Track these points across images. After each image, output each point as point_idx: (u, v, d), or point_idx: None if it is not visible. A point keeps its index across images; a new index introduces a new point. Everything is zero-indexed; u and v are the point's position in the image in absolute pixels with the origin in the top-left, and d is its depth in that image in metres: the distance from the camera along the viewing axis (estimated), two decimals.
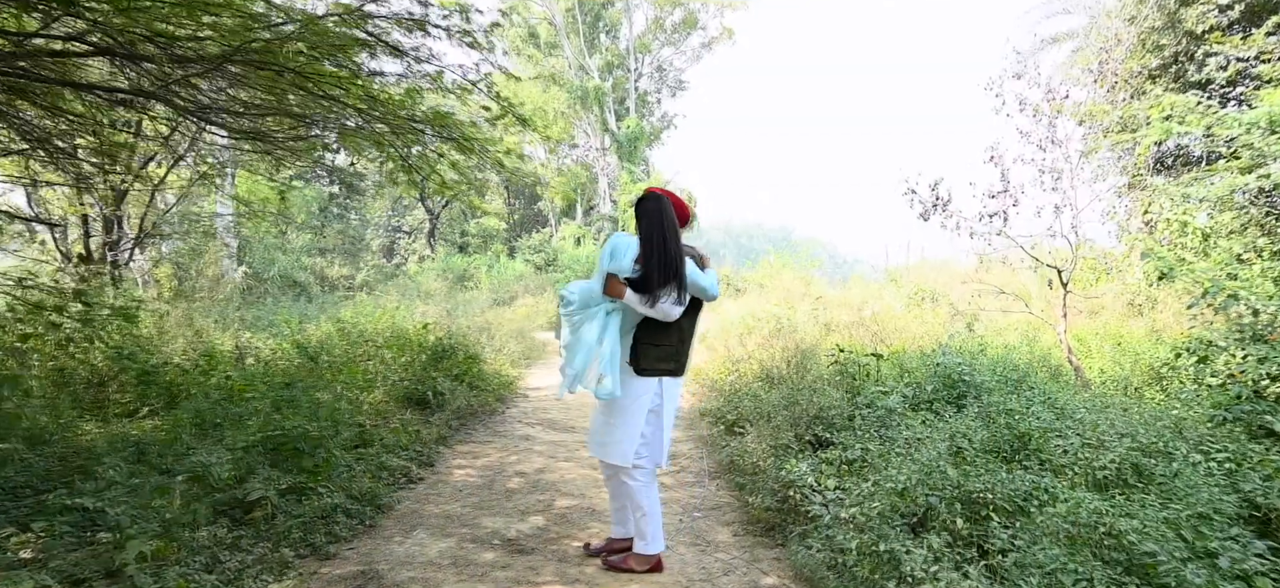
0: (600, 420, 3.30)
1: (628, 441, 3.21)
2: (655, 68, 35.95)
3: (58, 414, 4.58)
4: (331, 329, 7.89)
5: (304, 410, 4.61)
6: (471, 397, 6.43)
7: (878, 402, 5.18)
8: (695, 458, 5.32)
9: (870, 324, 8.62)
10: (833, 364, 6.09)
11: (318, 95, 4.78)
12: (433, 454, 4.92)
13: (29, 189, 10.31)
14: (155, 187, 11.77)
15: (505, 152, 6.27)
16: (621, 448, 3.20)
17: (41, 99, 5.44)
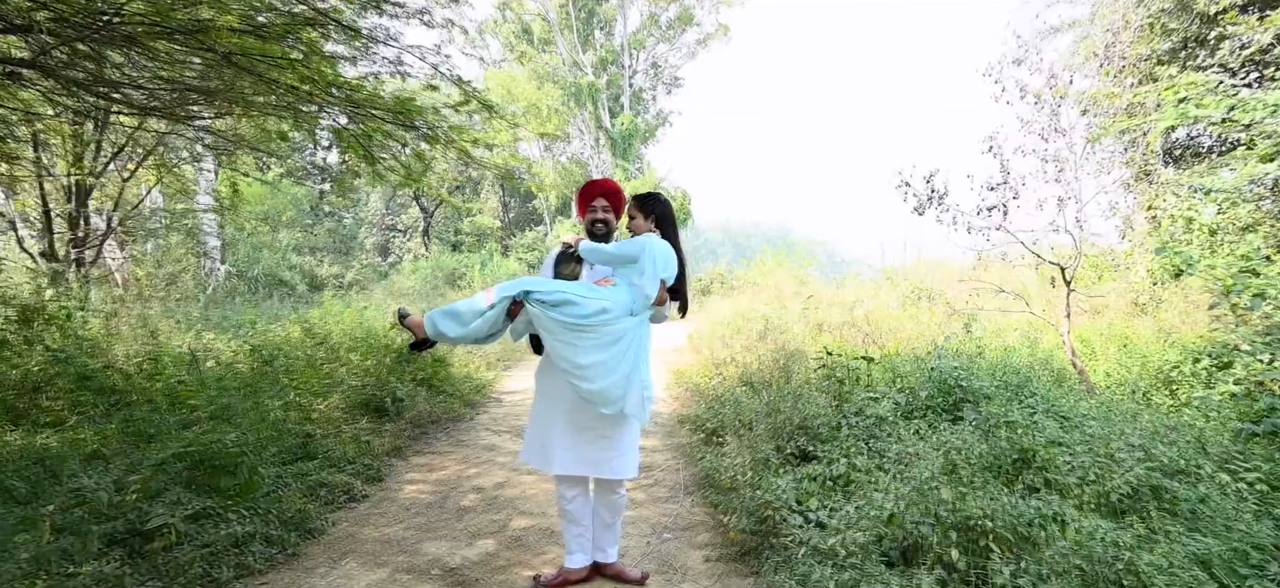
0: (593, 435, 2.95)
1: (634, 451, 3.10)
2: (650, 64, 35.49)
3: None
4: (297, 331, 7.48)
5: (243, 420, 4.22)
6: (436, 403, 6.02)
7: (867, 410, 4.79)
8: (671, 470, 4.93)
9: (862, 324, 8.23)
10: (820, 368, 5.70)
11: (252, 74, 4.36)
12: (383, 468, 4.52)
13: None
14: (125, 181, 11.39)
15: (473, 141, 5.87)
16: (628, 460, 3.04)
17: None
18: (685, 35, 34.69)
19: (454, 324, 2.71)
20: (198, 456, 3.25)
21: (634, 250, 2.88)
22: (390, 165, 6.47)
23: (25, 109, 7.35)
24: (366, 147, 6.15)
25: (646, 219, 3.05)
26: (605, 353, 2.75)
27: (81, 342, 5.96)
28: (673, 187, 27.73)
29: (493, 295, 2.73)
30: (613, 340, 2.77)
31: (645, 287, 2.83)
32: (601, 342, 2.74)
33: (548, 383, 2.99)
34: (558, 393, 2.92)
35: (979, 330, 8.17)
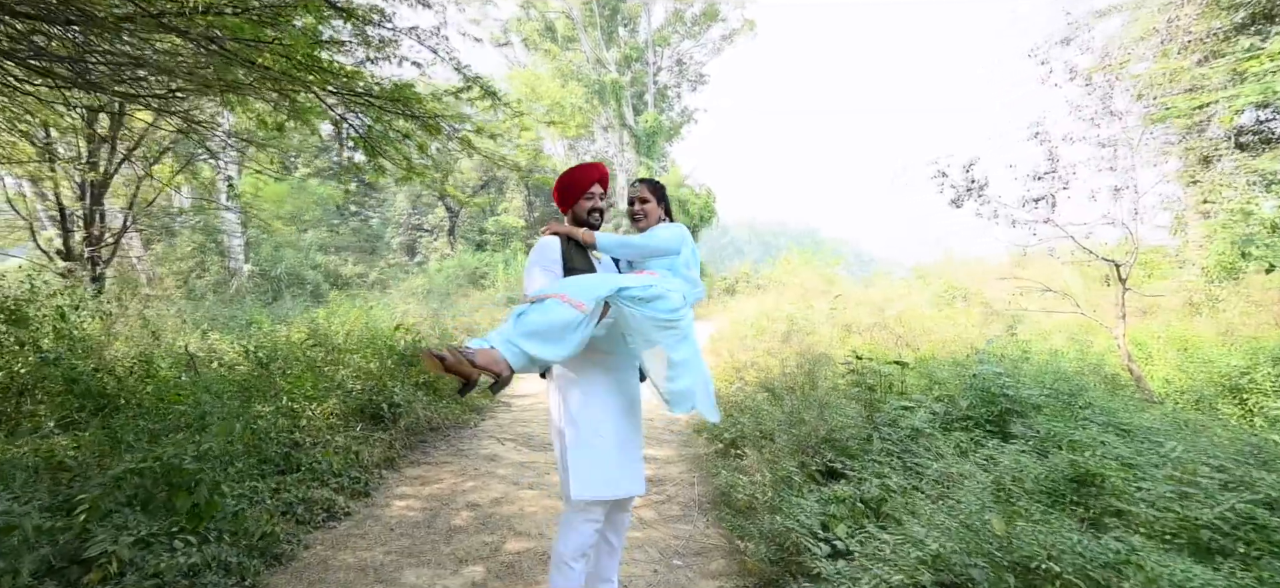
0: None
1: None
2: (675, 61, 35.09)
3: None
4: (301, 331, 7.21)
5: (222, 428, 3.92)
6: (438, 408, 5.68)
7: (901, 421, 4.34)
8: (684, 485, 4.53)
9: (893, 326, 7.73)
10: (849, 373, 5.25)
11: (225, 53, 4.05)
12: (371, 481, 4.18)
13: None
14: (140, 179, 11.30)
15: (477, 130, 5.53)
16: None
17: None
18: (710, 31, 34.22)
19: (550, 346, 2.18)
20: (156, 471, 2.93)
21: (673, 241, 2.59)
22: (392, 158, 6.16)
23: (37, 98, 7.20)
24: (368, 138, 5.85)
25: (659, 205, 2.73)
26: (689, 348, 2.44)
27: (76, 342, 5.74)
28: (697, 184, 27.27)
29: (583, 301, 2.24)
30: (689, 334, 2.47)
31: (695, 278, 2.64)
32: (685, 336, 2.43)
33: (600, 399, 2.49)
34: (613, 407, 2.51)
35: (1022, 332, 7.63)
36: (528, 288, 2.40)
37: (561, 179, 2.63)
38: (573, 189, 2.65)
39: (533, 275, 2.51)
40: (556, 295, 2.24)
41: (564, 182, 2.64)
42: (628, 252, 2.60)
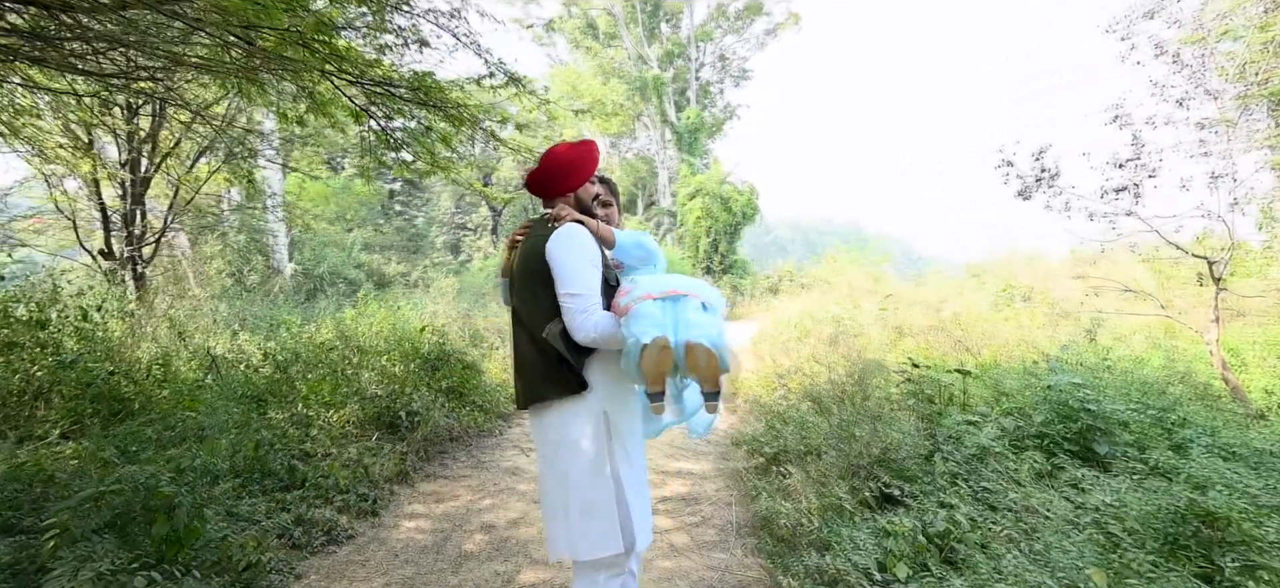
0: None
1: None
2: (717, 56, 34.55)
3: None
4: (327, 332, 7.02)
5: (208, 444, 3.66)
6: (461, 416, 5.38)
7: (966, 438, 3.85)
8: (721, 505, 4.11)
9: (951, 328, 7.16)
10: (904, 382, 4.77)
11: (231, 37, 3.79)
12: (381, 498, 3.87)
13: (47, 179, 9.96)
14: (180, 178, 11.35)
15: (501, 120, 5.21)
16: None
17: None
18: (754, 25, 33.57)
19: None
20: (127, 492, 2.67)
21: (653, 247, 2.24)
22: (416, 152, 5.89)
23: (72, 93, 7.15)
24: (388, 130, 5.58)
25: (617, 210, 2.39)
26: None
27: (97, 344, 5.60)
28: (740, 181, 26.69)
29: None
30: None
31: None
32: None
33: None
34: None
35: (1099, 336, 6.98)
36: (581, 286, 1.93)
37: (568, 156, 2.17)
38: (582, 170, 2.19)
39: (588, 274, 1.96)
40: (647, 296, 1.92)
41: (571, 159, 2.17)
42: (639, 253, 2.21)
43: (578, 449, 1.96)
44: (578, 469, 1.96)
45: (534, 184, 2.20)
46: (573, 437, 1.97)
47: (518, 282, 2.05)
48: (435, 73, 5.02)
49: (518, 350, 2.07)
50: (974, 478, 3.49)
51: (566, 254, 1.95)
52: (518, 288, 2.05)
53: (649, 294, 1.92)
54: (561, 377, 1.96)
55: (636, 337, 1.79)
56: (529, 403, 2.03)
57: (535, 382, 2.00)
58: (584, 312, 1.89)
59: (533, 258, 2.00)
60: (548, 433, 2.00)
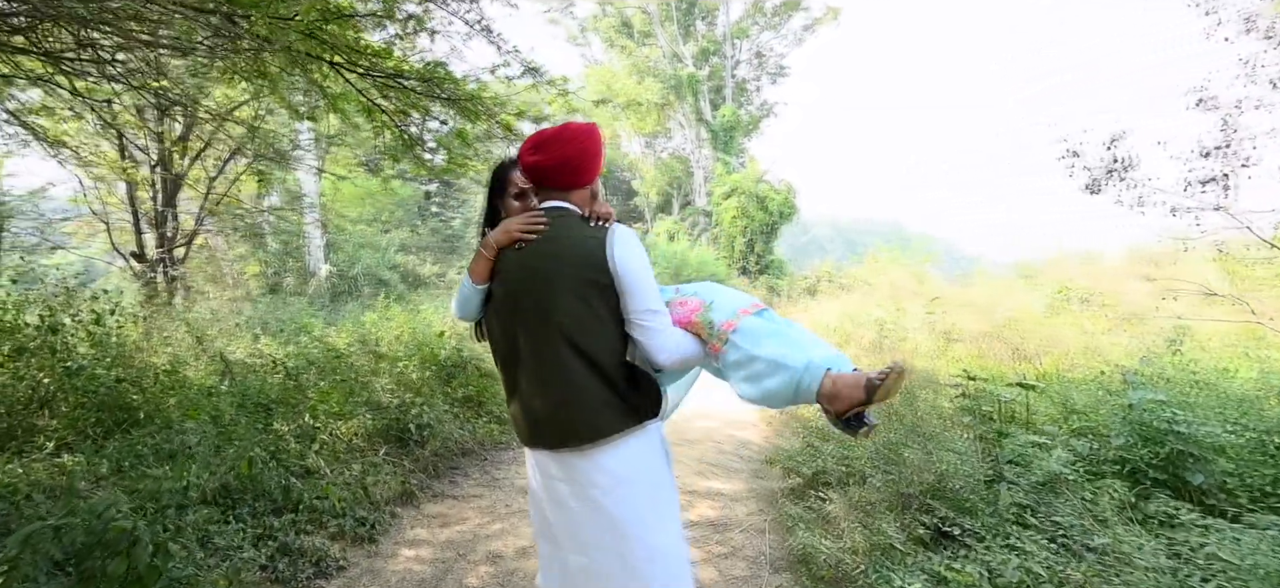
0: None
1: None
2: (754, 53, 34.00)
3: None
4: (348, 336, 6.80)
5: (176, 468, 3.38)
6: (477, 428, 5.07)
7: (1034, 463, 3.39)
8: (753, 532, 3.72)
9: (1006, 334, 6.61)
10: (960, 397, 4.30)
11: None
12: (380, 522, 3.56)
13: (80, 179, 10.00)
14: (212, 180, 11.35)
15: (518, 113, 4.89)
16: None
17: None
18: (791, 21, 32.93)
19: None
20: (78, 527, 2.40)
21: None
22: (431, 147, 5.61)
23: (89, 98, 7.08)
24: (402, 127, 5.31)
25: None
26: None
27: (109, 349, 5.44)
28: (776, 180, 26.11)
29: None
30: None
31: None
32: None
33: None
34: None
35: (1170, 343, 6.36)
36: (658, 300, 1.71)
37: (592, 141, 1.78)
38: (599, 158, 1.82)
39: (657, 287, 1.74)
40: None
41: (595, 147, 1.78)
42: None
43: (641, 486, 1.69)
44: (641, 510, 1.67)
45: (551, 170, 1.75)
46: (635, 473, 1.68)
47: (556, 294, 1.67)
48: (448, 64, 4.73)
49: (556, 378, 1.67)
50: (1045, 511, 3.04)
51: (640, 263, 1.69)
52: (557, 302, 1.67)
53: (743, 309, 1.74)
54: (634, 403, 1.69)
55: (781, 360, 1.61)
56: (583, 441, 1.67)
57: (591, 414, 1.66)
58: (666, 330, 1.68)
59: (587, 265, 1.66)
60: (598, 475, 1.67)
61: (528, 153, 1.76)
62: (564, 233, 1.71)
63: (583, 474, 1.69)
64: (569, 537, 1.72)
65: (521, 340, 1.70)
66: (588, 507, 1.68)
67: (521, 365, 1.72)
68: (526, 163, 1.76)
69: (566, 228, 1.72)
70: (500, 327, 1.76)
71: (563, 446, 1.69)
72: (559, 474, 1.72)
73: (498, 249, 1.76)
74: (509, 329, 1.73)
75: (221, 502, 3.30)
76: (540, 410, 1.70)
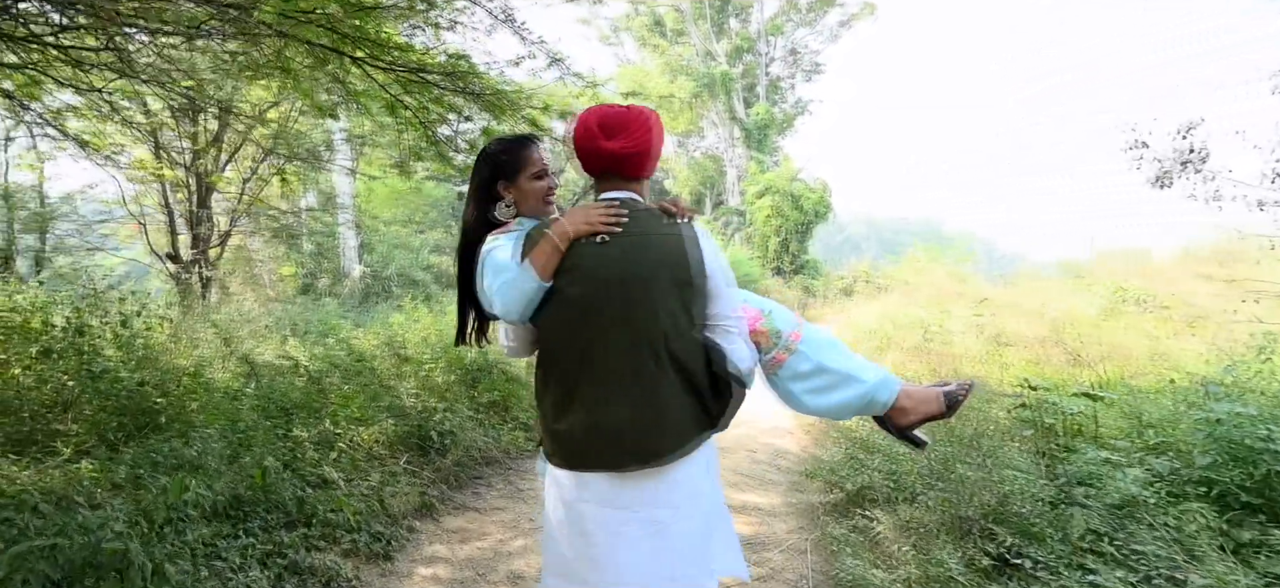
0: None
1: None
2: (788, 51, 33.56)
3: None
4: (375, 337, 6.69)
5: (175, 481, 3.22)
6: (501, 435, 4.88)
7: (1105, 482, 3.06)
8: (793, 553, 3.45)
9: (1062, 337, 6.19)
10: (1019, 407, 3.97)
11: None
12: (397, 537, 3.37)
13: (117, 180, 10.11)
14: (246, 181, 11.43)
15: (543, 107, 4.70)
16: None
17: None
18: (826, 17, 32.40)
19: None
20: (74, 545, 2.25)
21: None
22: (462, 148, 5.45)
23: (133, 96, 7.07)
24: (426, 124, 5.15)
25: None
26: None
27: (134, 351, 5.38)
28: (811, 178, 25.64)
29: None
30: None
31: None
32: None
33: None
34: None
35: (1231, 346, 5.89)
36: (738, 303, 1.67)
37: (661, 127, 1.64)
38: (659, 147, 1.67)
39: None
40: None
41: (662, 133, 1.64)
42: None
43: (707, 501, 1.63)
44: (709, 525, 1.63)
45: (629, 158, 1.58)
46: (702, 487, 1.62)
47: (655, 297, 1.51)
48: (470, 56, 4.56)
49: (645, 390, 1.51)
50: (1123, 539, 2.72)
51: (727, 262, 1.62)
52: (657, 306, 1.51)
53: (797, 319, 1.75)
54: (714, 413, 1.60)
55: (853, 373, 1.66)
56: (665, 459, 1.53)
57: (680, 427, 1.54)
58: (745, 336, 1.65)
59: (680, 265, 1.53)
60: (671, 493, 1.56)
61: (602, 137, 1.56)
62: (650, 228, 1.55)
63: (652, 495, 1.54)
64: (612, 570, 1.53)
65: (598, 349, 1.51)
66: (650, 531, 1.53)
67: (594, 376, 1.52)
68: (605, 149, 1.56)
69: (650, 223, 1.56)
70: (567, 332, 1.53)
71: (642, 464, 1.53)
72: (618, 500, 1.54)
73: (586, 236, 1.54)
74: (581, 335, 1.52)
75: (233, 514, 3.15)
76: (618, 427, 1.51)
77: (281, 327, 7.94)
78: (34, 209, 9.89)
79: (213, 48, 4.54)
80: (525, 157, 1.74)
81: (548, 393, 1.59)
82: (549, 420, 1.59)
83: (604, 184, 1.62)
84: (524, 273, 1.50)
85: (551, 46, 4.44)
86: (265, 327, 7.79)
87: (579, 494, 1.56)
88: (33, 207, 9.92)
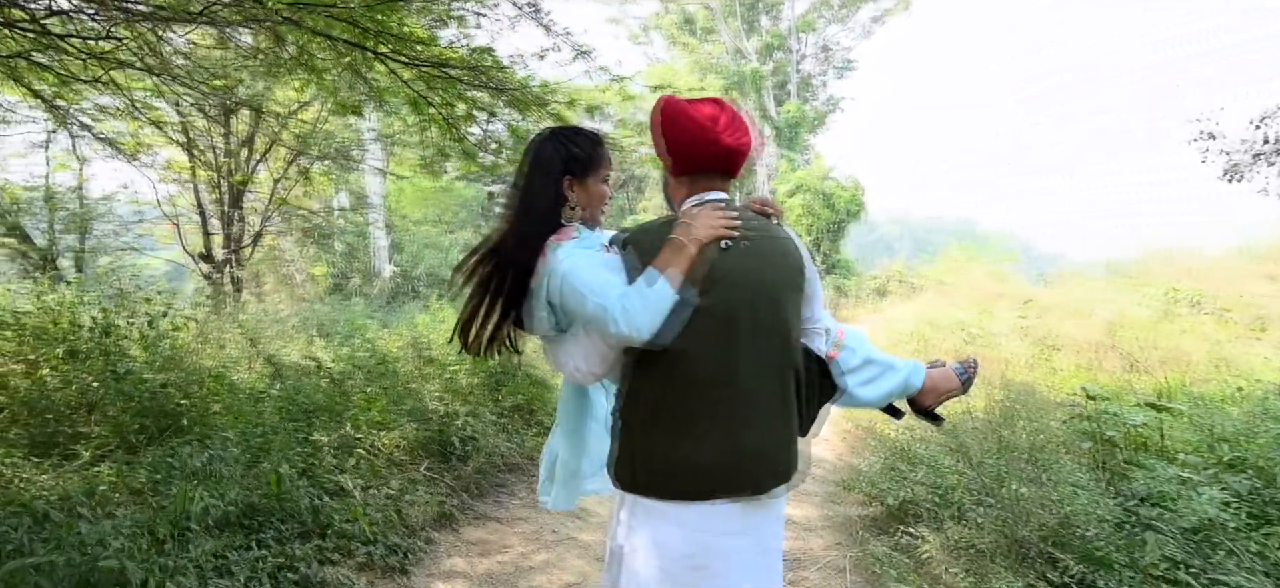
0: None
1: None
2: (820, 47, 33.07)
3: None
4: (396, 341, 6.60)
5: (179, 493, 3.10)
6: (524, 440, 4.73)
7: (1178, 504, 2.80)
8: (832, 571, 3.23)
9: (1119, 342, 5.85)
10: (1076, 418, 3.70)
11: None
12: (414, 550, 3.23)
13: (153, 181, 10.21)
14: (276, 181, 11.49)
15: (569, 102, 4.54)
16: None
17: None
18: (859, 13, 31.85)
19: None
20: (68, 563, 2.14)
21: None
22: (480, 141, 5.32)
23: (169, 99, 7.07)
24: (449, 120, 5.03)
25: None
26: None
27: (159, 352, 5.35)
28: (843, 176, 25.20)
29: None
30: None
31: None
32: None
33: None
34: None
35: None
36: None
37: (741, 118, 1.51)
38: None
39: None
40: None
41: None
42: None
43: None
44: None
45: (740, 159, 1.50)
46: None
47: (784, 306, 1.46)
48: (494, 50, 4.41)
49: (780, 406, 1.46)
50: (1201, 567, 2.46)
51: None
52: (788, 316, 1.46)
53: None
54: (803, 421, 1.57)
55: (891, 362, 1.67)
56: (794, 478, 1.51)
57: (802, 443, 1.55)
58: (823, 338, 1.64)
59: (797, 271, 1.51)
60: (780, 511, 1.56)
61: (726, 132, 1.45)
62: (764, 231, 1.48)
63: (774, 519, 1.52)
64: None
65: (738, 363, 1.39)
66: (763, 557, 1.48)
67: (735, 394, 1.40)
68: (724, 145, 1.44)
69: (762, 226, 1.49)
70: (706, 347, 1.39)
71: (781, 483, 1.46)
72: (743, 527, 1.43)
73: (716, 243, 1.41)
74: (722, 350, 1.39)
75: (247, 524, 3.04)
76: (760, 446, 1.43)
77: (309, 327, 7.91)
78: (73, 210, 10.04)
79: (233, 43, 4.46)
80: (601, 156, 1.59)
81: (665, 419, 1.41)
82: (665, 449, 1.40)
83: (700, 183, 1.50)
84: (663, 285, 1.34)
85: (577, 39, 4.27)
86: (292, 327, 7.76)
87: (703, 525, 1.40)
88: (72, 207, 10.07)
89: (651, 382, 1.41)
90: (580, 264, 1.41)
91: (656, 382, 1.41)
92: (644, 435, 1.42)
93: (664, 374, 1.40)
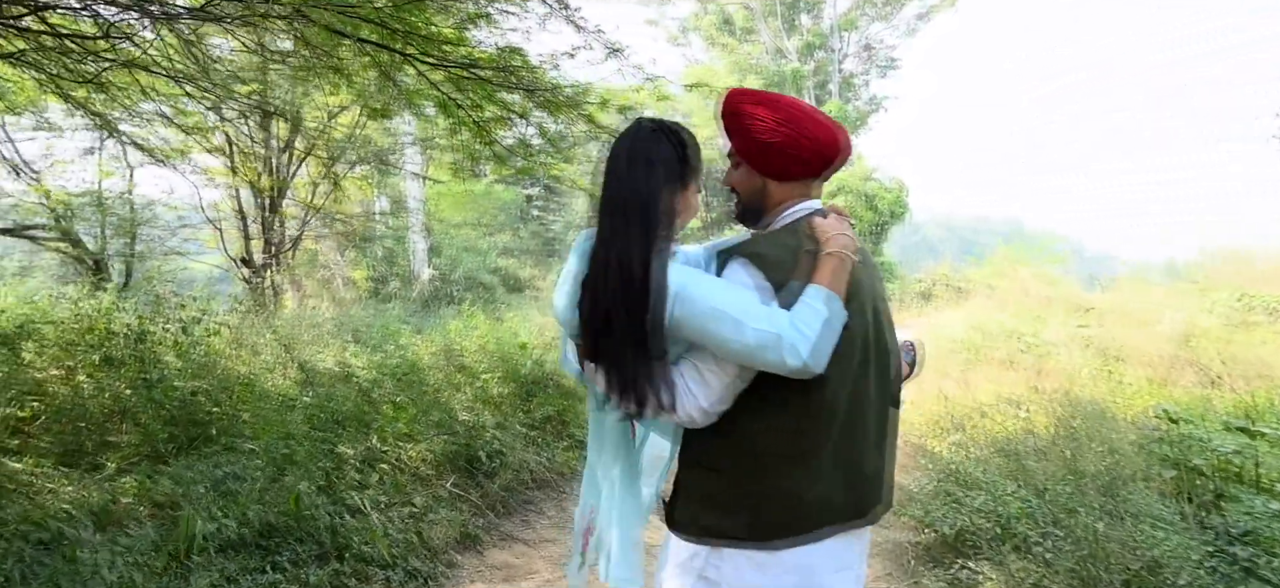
0: None
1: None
2: (862, 46, 32.46)
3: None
4: (429, 348, 6.50)
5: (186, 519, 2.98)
6: (554, 454, 4.55)
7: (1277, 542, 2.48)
8: None
9: (1195, 354, 5.41)
10: (1154, 441, 3.37)
11: None
12: (436, 574, 3.07)
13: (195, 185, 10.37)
14: (314, 186, 11.59)
15: (601, 102, 4.37)
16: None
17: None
18: (903, 10, 31.15)
19: None
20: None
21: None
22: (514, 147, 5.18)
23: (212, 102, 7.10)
24: (478, 122, 4.90)
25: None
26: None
27: (191, 361, 5.31)
28: (886, 177, 24.59)
29: None
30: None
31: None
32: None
33: None
34: None
35: None
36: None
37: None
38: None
39: None
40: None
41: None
42: None
43: None
44: None
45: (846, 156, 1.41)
46: None
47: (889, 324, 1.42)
48: (524, 51, 4.26)
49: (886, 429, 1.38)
50: None
51: None
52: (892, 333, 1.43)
53: None
54: None
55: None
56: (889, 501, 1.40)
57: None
58: None
59: (882, 280, 1.46)
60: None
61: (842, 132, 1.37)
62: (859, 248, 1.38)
63: (865, 546, 1.41)
64: None
65: (862, 387, 1.30)
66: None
67: (861, 421, 1.30)
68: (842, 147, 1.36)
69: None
70: (846, 368, 1.27)
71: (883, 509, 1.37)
72: (845, 559, 1.33)
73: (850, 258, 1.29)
74: (861, 372, 1.30)
75: (263, 544, 2.93)
76: (873, 470, 1.33)
77: (344, 332, 7.88)
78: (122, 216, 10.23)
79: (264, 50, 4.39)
80: (701, 167, 1.39)
81: (778, 453, 1.25)
82: (791, 486, 1.25)
83: (813, 189, 1.40)
84: (838, 305, 1.20)
85: (609, 37, 4.08)
86: (328, 332, 7.74)
87: (812, 563, 1.26)
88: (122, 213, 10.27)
89: (769, 413, 1.24)
90: (712, 285, 1.21)
91: (776, 413, 1.24)
92: (746, 476, 1.27)
93: (796, 405, 1.23)
